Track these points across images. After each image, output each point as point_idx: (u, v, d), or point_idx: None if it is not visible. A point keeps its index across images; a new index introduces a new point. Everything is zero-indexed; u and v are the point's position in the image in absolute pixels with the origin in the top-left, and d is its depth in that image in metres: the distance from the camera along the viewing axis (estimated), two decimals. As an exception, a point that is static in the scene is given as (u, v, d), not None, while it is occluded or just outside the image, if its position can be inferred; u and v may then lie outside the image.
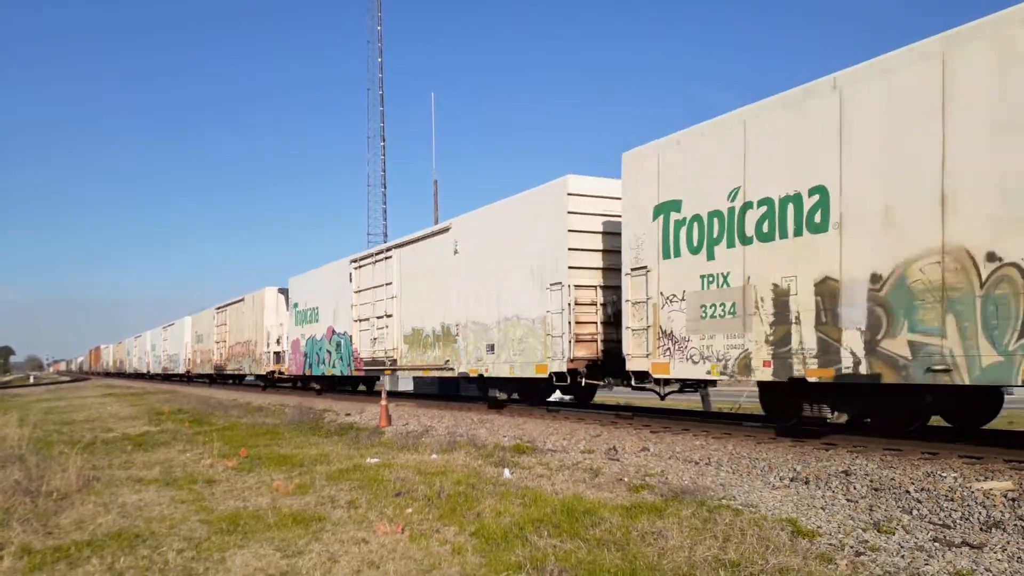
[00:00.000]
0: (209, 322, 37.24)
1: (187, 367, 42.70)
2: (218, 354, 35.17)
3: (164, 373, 50.39)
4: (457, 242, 15.75)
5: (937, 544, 4.94)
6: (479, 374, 14.83)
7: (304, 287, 25.29)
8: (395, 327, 18.34)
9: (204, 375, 39.34)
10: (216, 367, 35.48)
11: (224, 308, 34.46)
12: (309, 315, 24.37)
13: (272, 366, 27.85)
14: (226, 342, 33.85)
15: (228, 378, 36.01)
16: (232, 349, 32.82)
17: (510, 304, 13.86)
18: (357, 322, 20.48)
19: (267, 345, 28.13)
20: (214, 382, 39.18)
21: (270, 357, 27.92)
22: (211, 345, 36.66)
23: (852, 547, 4.94)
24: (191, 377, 43.36)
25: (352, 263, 20.90)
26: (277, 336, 27.87)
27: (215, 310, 36.04)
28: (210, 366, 36.68)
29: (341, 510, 6.58)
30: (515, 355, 13.66)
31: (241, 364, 31.27)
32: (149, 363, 55.63)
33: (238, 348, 31.83)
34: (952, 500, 5.91)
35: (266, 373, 28.33)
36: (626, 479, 7.51)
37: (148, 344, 56.29)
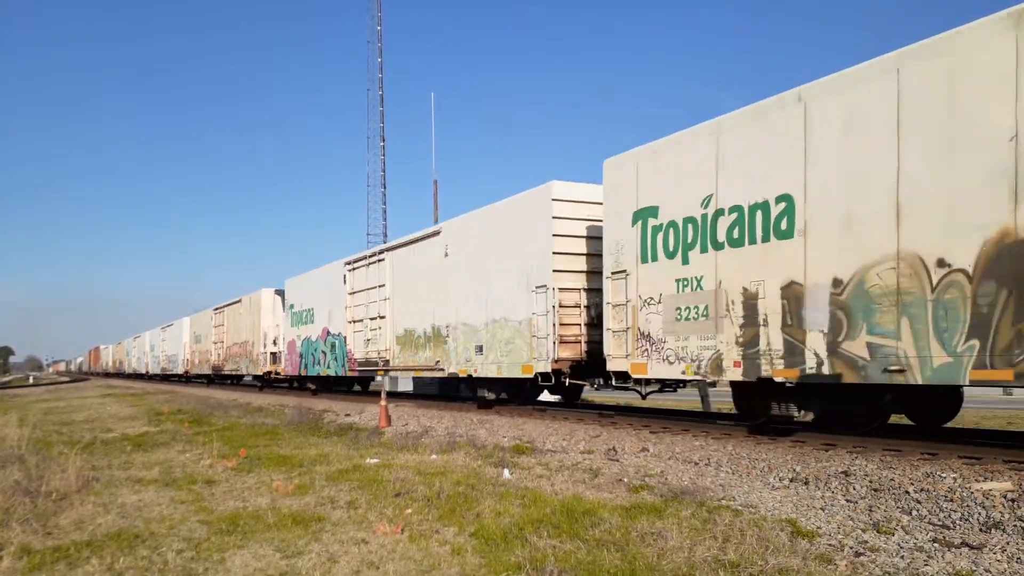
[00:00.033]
0: (207, 323, 37.59)
1: (185, 367, 43.05)
2: (216, 355, 35.51)
3: (163, 373, 50.75)
4: (448, 245, 16.13)
5: (936, 545, 4.96)
6: (468, 374, 15.21)
7: (300, 289, 25.65)
8: (388, 328, 18.72)
9: (202, 375, 39.67)
10: (214, 368, 35.82)
11: (222, 309, 34.81)
12: (305, 316, 24.73)
13: (269, 366, 28.21)
14: (224, 343, 34.20)
15: (226, 378, 36.37)
16: (230, 350, 33.17)
17: (498, 306, 14.24)
18: (351, 323, 20.85)
19: (264, 346, 28.49)
20: (212, 382, 39.52)
21: (267, 358, 28.28)
22: (209, 346, 37.00)
23: (852, 548, 4.96)
24: (189, 377, 43.69)
25: (346, 265, 21.27)
26: (274, 337, 28.25)
27: (213, 311, 36.39)
28: (208, 367, 37.01)
29: (341, 510, 6.58)
30: (502, 356, 14.04)
31: (238, 365, 31.63)
32: (148, 363, 55.98)
33: (235, 349, 32.19)
34: (951, 501, 5.91)
35: (263, 373, 28.70)
36: (626, 480, 7.51)
37: (147, 345, 56.65)
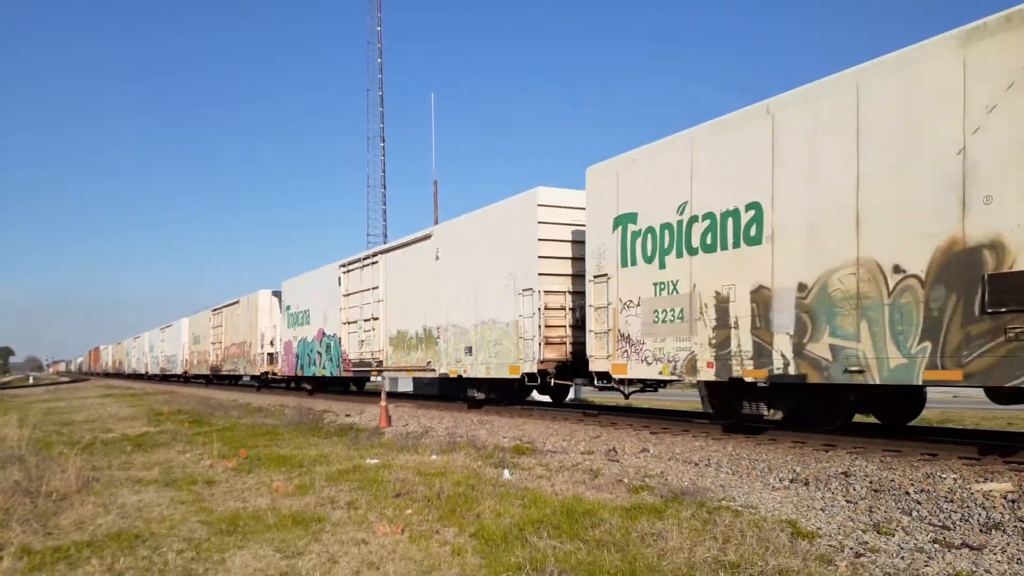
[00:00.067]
0: (206, 324, 37.97)
1: (184, 368, 43.44)
2: (214, 355, 35.89)
3: (162, 374, 51.14)
4: (439, 249, 16.51)
5: (937, 545, 4.97)
6: (458, 375, 15.59)
7: (296, 290, 26.03)
8: (381, 329, 19.10)
9: (201, 376, 40.05)
10: (212, 368, 36.20)
11: (220, 310, 35.19)
12: (301, 317, 25.11)
13: (266, 367, 28.59)
14: (222, 343, 34.58)
15: (224, 379, 36.75)
16: (228, 350, 33.55)
17: (486, 308, 14.62)
18: (346, 324, 21.23)
19: (261, 346, 28.88)
20: (210, 383, 39.90)
21: (264, 358, 28.67)
22: (207, 346, 37.38)
23: (852, 548, 4.96)
24: (188, 378, 44.08)
25: (341, 267, 21.64)
26: (271, 338, 28.63)
27: (211, 312, 36.77)
28: (207, 367, 37.40)
29: (341, 511, 6.59)
30: (491, 357, 14.42)
31: (236, 365, 32.01)
32: (147, 364, 56.37)
33: (233, 349, 32.57)
34: (952, 501, 5.92)
35: (260, 374, 29.09)
36: (626, 480, 7.53)
37: (146, 345, 57.04)
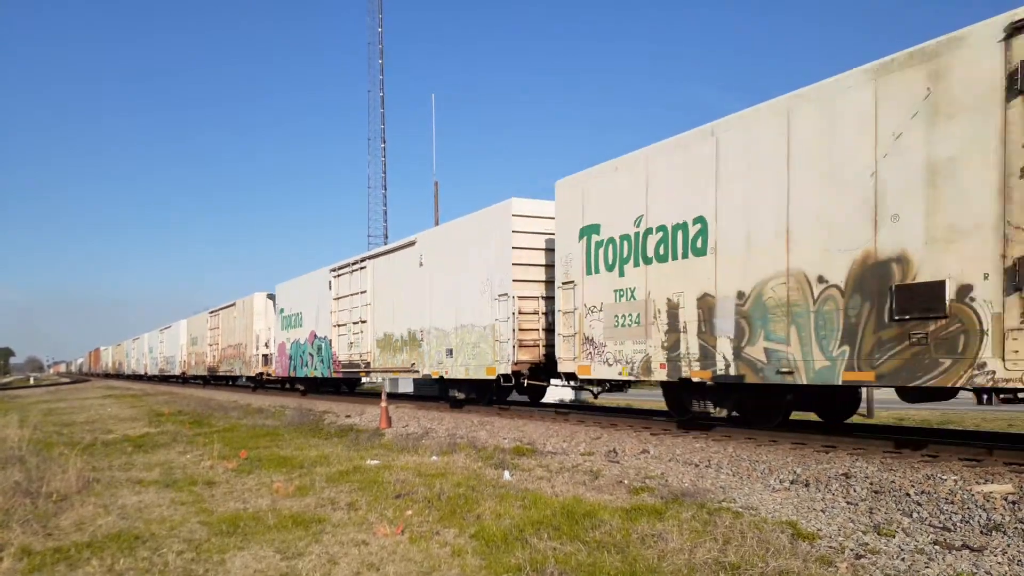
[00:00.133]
0: (203, 325, 38.74)
1: (182, 369, 44.22)
2: (211, 356, 36.66)
3: (161, 375, 51.94)
4: (422, 255, 17.28)
5: (937, 547, 4.97)
6: (440, 375, 16.36)
7: (289, 293, 26.79)
8: (369, 332, 19.87)
9: (199, 376, 40.81)
10: (209, 369, 36.97)
11: (217, 312, 35.96)
12: (294, 320, 25.88)
13: (261, 368, 29.36)
14: (219, 345, 35.36)
15: (221, 379, 37.52)
16: (224, 352, 34.32)
17: (466, 313, 15.39)
18: (336, 327, 22.00)
19: (256, 348, 29.65)
20: (208, 383, 40.68)
21: (259, 359, 29.44)
22: (205, 348, 38.13)
23: (852, 550, 4.96)
24: (186, 379, 44.86)
25: (332, 272, 22.41)
26: (265, 340, 29.41)
27: (208, 314, 37.54)
28: (204, 368, 38.16)
29: (341, 512, 6.60)
30: (470, 359, 15.19)
31: (232, 366, 32.77)
32: (147, 365, 57.16)
33: (230, 351, 33.34)
34: (952, 503, 5.93)
35: (255, 375, 29.86)
36: (626, 481, 7.57)
37: (146, 346, 57.83)
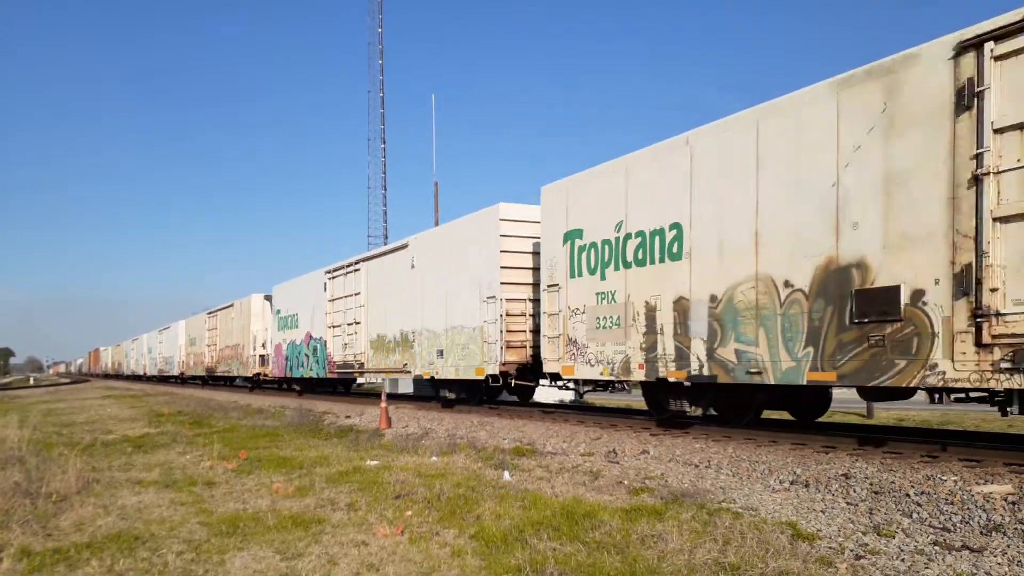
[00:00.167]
0: (201, 326, 39.12)
1: (181, 369, 44.59)
2: (209, 357, 37.04)
3: (160, 375, 52.32)
4: (414, 257, 17.67)
5: (937, 548, 4.98)
6: (431, 376, 16.74)
7: (286, 295, 27.18)
8: (363, 333, 20.26)
9: (197, 377, 41.18)
10: (207, 369, 37.35)
11: (215, 313, 36.35)
12: (290, 321, 26.27)
13: (258, 368, 29.76)
14: (216, 345, 35.74)
15: (219, 380, 37.90)
16: (222, 352, 34.70)
17: (456, 314, 15.78)
18: (331, 328, 22.38)
19: (253, 349, 30.04)
20: (206, 384, 41.06)
21: (256, 360, 29.83)
22: (203, 348, 38.51)
23: (852, 550, 4.97)
24: (185, 379, 45.24)
25: (327, 274, 22.79)
26: (262, 340, 29.79)
27: (207, 315, 37.92)
28: (202, 368, 38.54)
29: (341, 512, 6.62)
30: (459, 359, 15.58)
31: (230, 367, 33.16)
32: (146, 365, 57.55)
33: (227, 351, 33.72)
34: (952, 503, 5.93)
35: (252, 375, 30.25)
36: (626, 482, 7.59)
37: (145, 347, 58.22)
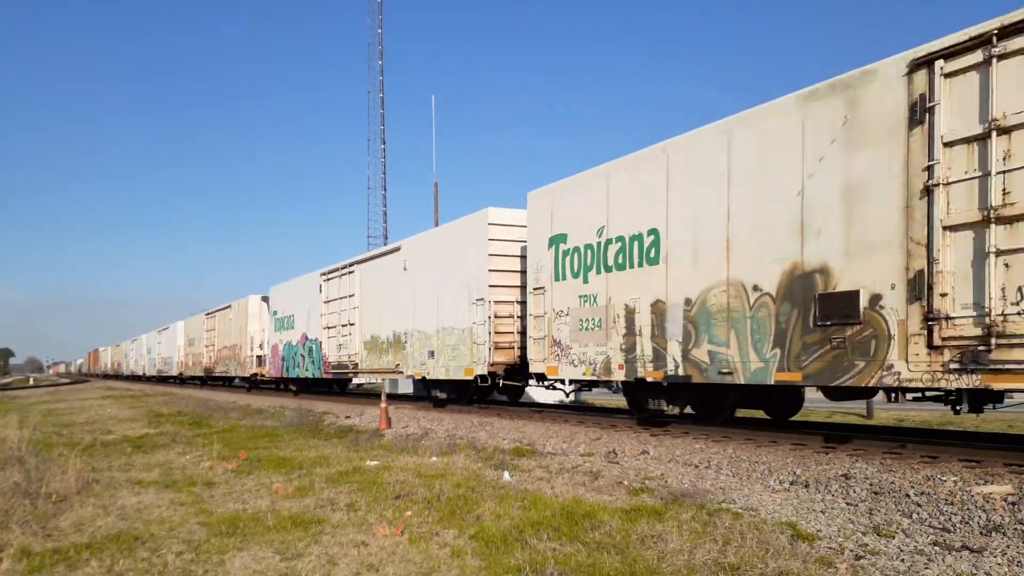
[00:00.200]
0: (200, 327, 39.51)
1: (180, 370, 44.99)
2: (208, 357, 37.44)
3: (159, 375, 52.70)
4: (406, 261, 18.07)
5: (937, 548, 4.97)
6: (422, 376, 17.15)
7: (282, 296, 27.58)
8: (357, 334, 20.67)
9: (196, 377, 41.57)
10: (206, 369, 37.74)
11: (213, 314, 36.74)
12: (286, 322, 26.67)
13: (255, 368, 30.15)
14: (215, 346, 36.13)
15: (217, 380, 38.31)
16: (220, 353, 35.09)
17: (446, 316, 16.19)
18: (326, 329, 22.79)
19: (251, 349, 30.43)
20: (205, 384, 41.45)
21: (253, 360, 30.22)
22: (201, 349, 38.90)
23: (852, 551, 4.97)
24: (184, 379, 45.63)
25: (322, 275, 23.20)
26: (260, 341, 30.19)
27: (205, 316, 38.32)
28: (201, 369, 38.93)
29: (340, 513, 6.62)
30: (450, 360, 15.98)
31: (228, 367, 33.55)
32: (145, 365, 57.93)
33: (225, 352, 34.12)
34: (952, 504, 5.92)
35: (250, 375, 30.65)
36: (626, 482, 7.60)
37: (144, 347, 58.61)
